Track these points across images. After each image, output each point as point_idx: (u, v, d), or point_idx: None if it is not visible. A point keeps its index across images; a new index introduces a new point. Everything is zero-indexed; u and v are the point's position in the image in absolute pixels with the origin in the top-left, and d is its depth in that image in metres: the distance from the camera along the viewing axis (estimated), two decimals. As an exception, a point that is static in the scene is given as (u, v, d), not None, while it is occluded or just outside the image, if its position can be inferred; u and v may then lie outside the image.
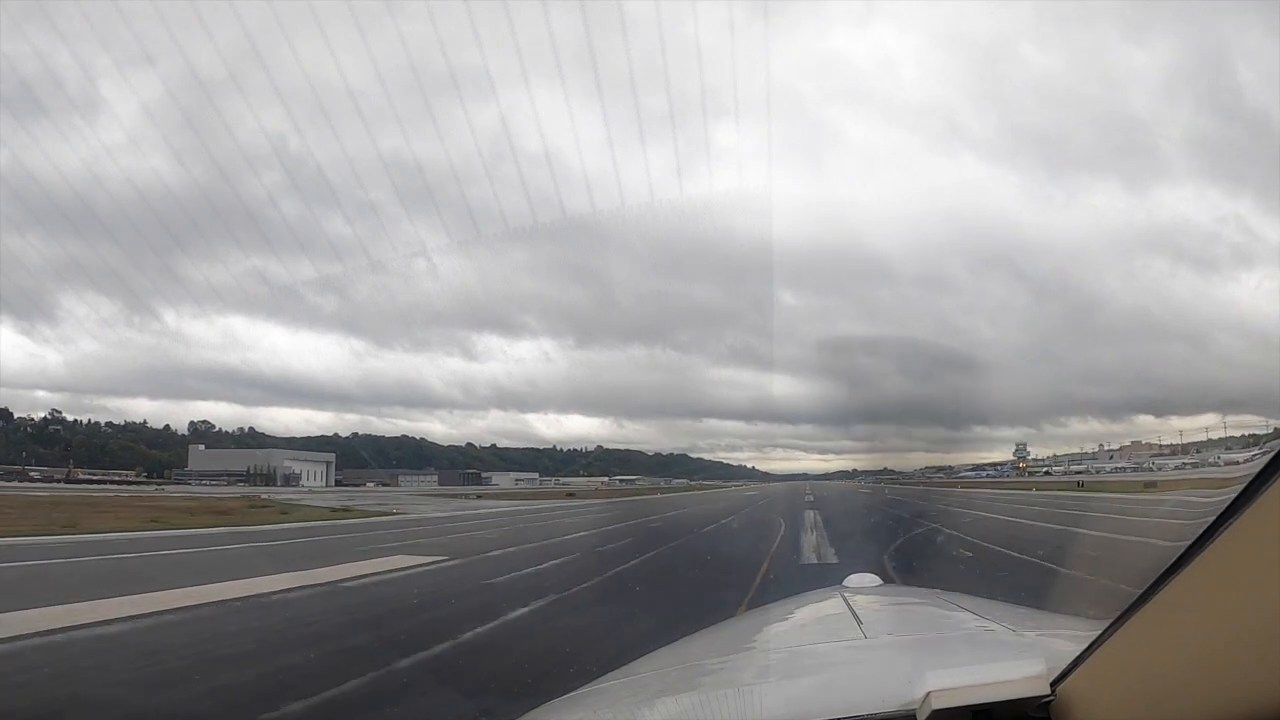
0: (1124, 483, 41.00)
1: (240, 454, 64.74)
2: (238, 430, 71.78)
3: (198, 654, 7.45)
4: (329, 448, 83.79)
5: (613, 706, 1.98)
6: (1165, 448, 54.32)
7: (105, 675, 6.69)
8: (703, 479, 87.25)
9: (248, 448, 66.24)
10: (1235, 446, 43.55)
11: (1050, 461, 60.54)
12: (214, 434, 69.87)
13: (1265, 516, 0.78)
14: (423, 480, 72.83)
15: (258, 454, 63.92)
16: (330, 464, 68.06)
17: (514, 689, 6.00)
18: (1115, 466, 52.57)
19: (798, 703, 1.60)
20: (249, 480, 60.57)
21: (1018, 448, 61.60)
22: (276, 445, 69.07)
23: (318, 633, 8.51)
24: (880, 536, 19.85)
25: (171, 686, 6.26)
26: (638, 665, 2.48)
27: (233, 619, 9.06)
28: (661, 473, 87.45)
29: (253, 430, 71.54)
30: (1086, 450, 61.76)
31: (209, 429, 70.83)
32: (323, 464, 67.81)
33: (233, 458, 64.21)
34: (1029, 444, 61.00)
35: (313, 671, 6.62)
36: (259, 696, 5.87)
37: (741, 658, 2.34)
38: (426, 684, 6.34)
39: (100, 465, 63.69)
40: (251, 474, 61.58)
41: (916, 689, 1.28)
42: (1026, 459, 60.41)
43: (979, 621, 2.21)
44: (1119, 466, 52.28)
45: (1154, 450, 55.33)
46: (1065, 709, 1.14)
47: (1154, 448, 56.08)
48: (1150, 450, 55.80)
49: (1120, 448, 59.48)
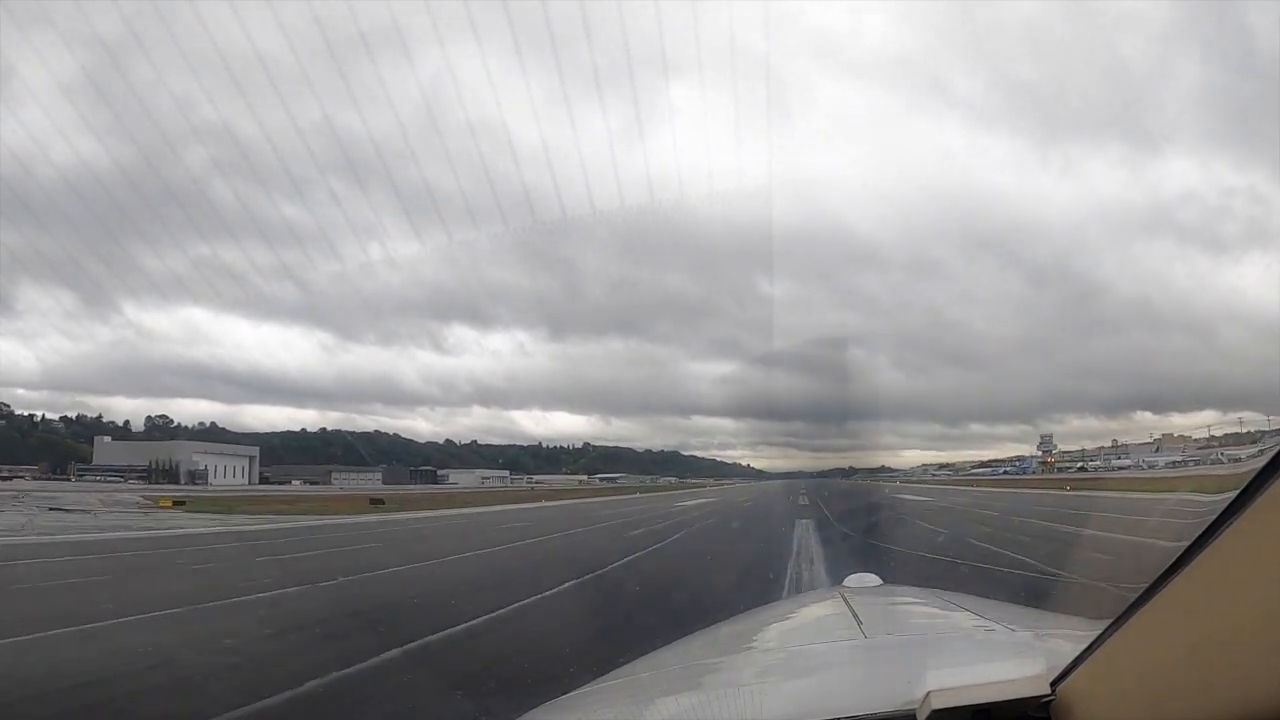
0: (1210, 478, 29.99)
1: (155, 446, 57.50)
2: (198, 425, 66.48)
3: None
4: (295, 444, 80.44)
5: (613, 706, 1.98)
6: (1218, 439, 44.25)
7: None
8: (695, 477, 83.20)
9: (155, 439, 58.95)
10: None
11: (1082, 455, 50.33)
12: (173, 429, 64.26)
13: (1265, 516, 0.78)
14: (362, 477, 65.81)
15: (165, 448, 56.59)
16: (253, 459, 60.76)
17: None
18: (1170, 460, 42.11)
19: (798, 703, 1.62)
20: (150, 476, 53.62)
21: (1043, 439, 51.77)
22: (191, 438, 62.36)
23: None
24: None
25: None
26: (638, 665, 2.54)
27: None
28: (651, 471, 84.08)
29: (216, 425, 66.66)
30: (1102, 445, 52.57)
31: (167, 423, 65.44)
32: (244, 459, 60.42)
33: (144, 450, 56.96)
34: (1028, 441, 51.65)
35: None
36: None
37: (741, 658, 2.36)
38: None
39: (11, 460, 57.59)
40: (155, 469, 54.41)
41: (916, 689, 1.27)
42: (1054, 452, 50.39)
43: (979, 621, 2.22)
44: (1174, 460, 41.77)
45: (1187, 443, 47.29)
46: (1065, 709, 1.13)
47: (1187, 440, 48.87)
48: (1186, 443, 47.66)
49: (1153, 439, 51.06)
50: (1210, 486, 25.15)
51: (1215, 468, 33.54)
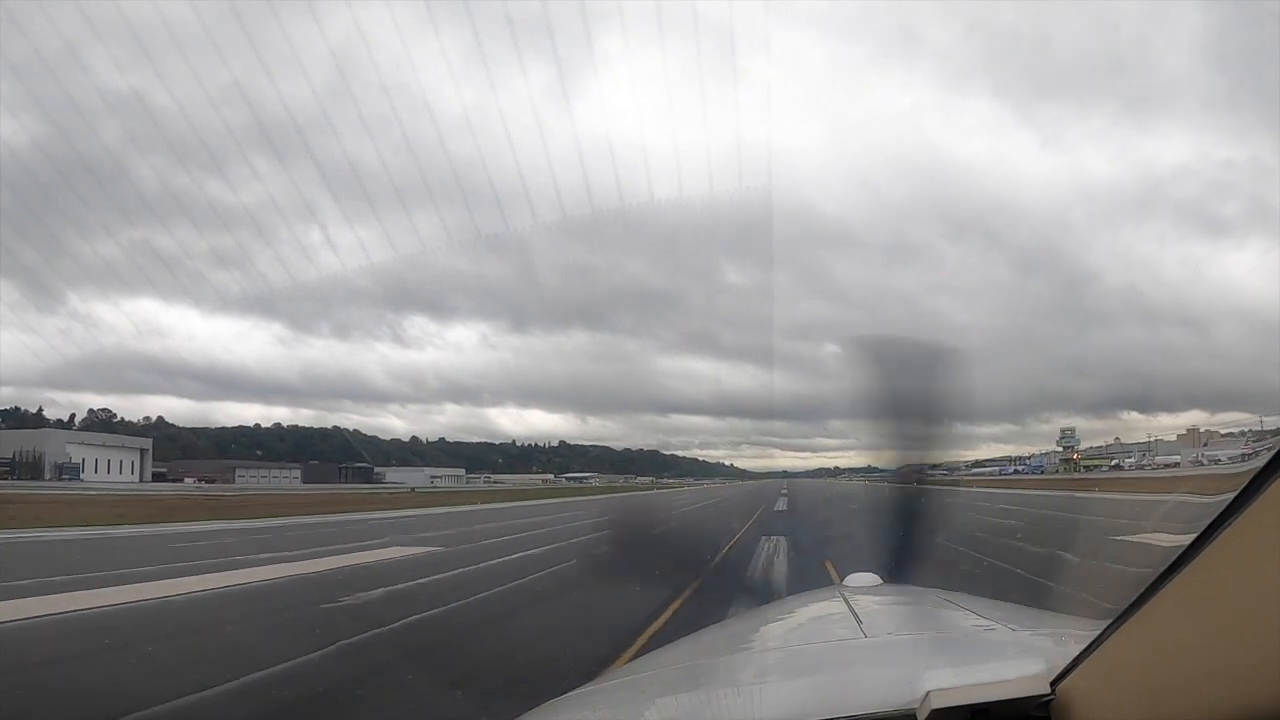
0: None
1: (18, 435, 49.31)
2: (142, 420, 61.00)
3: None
4: (244, 440, 75.22)
5: (613, 706, 1.97)
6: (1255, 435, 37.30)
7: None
8: (675, 477, 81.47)
9: (23, 429, 50.86)
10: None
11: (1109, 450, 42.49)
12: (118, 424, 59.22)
13: (1265, 516, 0.78)
14: (279, 476, 58.37)
15: (31, 437, 48.47)
16: (145, 452, 52.58)
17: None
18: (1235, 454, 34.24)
19: (798, 702, 1.59)
20: (13, 471, 45.53)
21: (1064, 434, 44.00)
22: (85, 428, 54.54)
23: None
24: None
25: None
26: (638, 665, 2.75)
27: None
28: (629, 470, 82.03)
29: (164, 419, 62.00)
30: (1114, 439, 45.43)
31: (109, 418, 59.20)
32: (135, 452, 52.29)
33: (6, 440, 48.67)
34: (1012, 441, 44.47)
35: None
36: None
37: (741, 658, 2.33)
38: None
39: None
40: (17, 462, 46.24)
41: (916, 689, 1.26)
42: (1077, 447, 42.62)
43: (979, 621, 2.21)
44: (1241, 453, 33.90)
45: (1214, 438, 41.19)
46: (1065, 709, 1.13)
47: (1213, 435, 43.20)
48: (1212, 438, 41.49)
49: (1179, 436, 44.95)
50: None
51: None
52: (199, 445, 70.31)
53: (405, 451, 79.92)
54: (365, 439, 77.52)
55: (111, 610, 9.62)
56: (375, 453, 74.05)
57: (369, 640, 8.06)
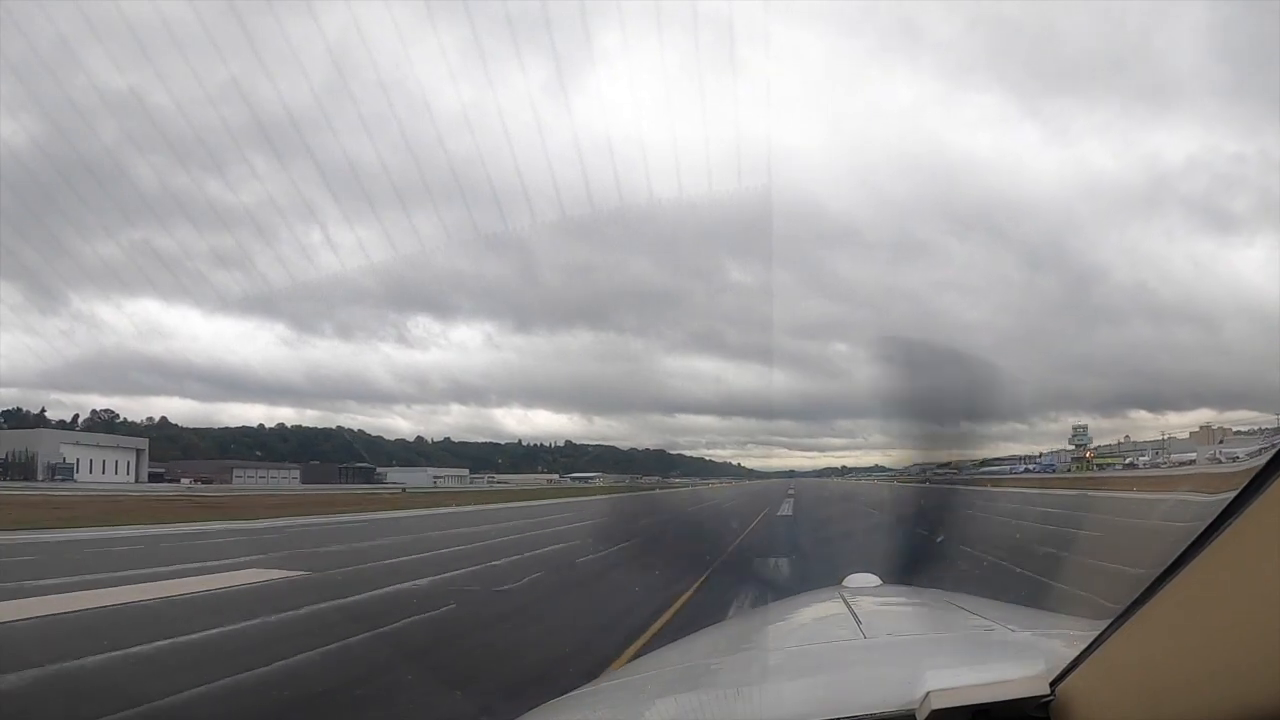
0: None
1: (11, 435, 49.14)
2: (145, 421, 61.82)
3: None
4: (247, 440, 75.47)
5: (613, 706, 1.98)
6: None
7: None
8: (682, 477, 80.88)
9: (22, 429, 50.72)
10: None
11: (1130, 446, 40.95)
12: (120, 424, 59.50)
13: (1265, 516, 0.78)
14: (278, 476, 57.99)
15: (24, 437, 48.25)
16: (141, 453, 52.24)
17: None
18: (1251, 452, 32.89)
19: (798, 703, 1.59)
20: (4, 472, 45.31)
21: (1076, 431, 42.54)
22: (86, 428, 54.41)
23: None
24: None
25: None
26: (638, 665, 2.73)
27: None
28: (634, 471, 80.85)
29: (167, 420, 63.10)
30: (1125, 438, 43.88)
31: (112, 418, 59.69)
32: (130, 452, 51.93)
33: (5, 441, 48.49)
34: (1019, 440, 43.05)
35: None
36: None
37: (741, 658, 2.33)
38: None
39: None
40: (9, 463, 46.00)
41: (916, 689, 1.26)
42: (1090, 445, 41.18)
43: (979, 621, 2.21)
44: (1259, 450, 32.59)
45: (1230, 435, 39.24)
46: (1065, 709, 1.13)
47: (1228, 432, 41.72)
48: (1226, 434, 39.76)
49: (1191, 434, 43.80)
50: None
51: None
52: (200, 446, 70.61)
53: (410, 452, 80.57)
54: (368, 439, 77.00)
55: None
56: (379, 453, 74.54)
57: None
